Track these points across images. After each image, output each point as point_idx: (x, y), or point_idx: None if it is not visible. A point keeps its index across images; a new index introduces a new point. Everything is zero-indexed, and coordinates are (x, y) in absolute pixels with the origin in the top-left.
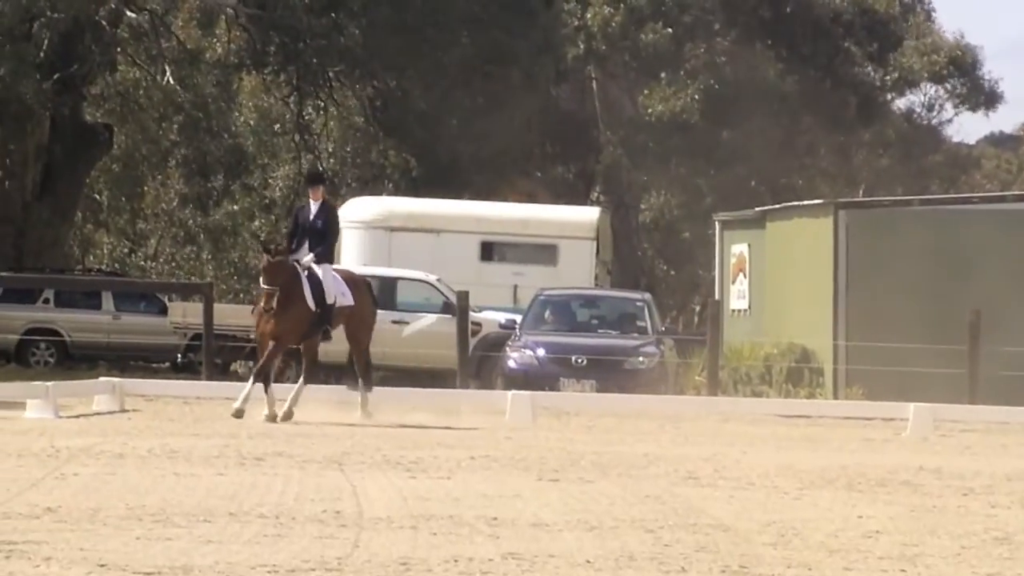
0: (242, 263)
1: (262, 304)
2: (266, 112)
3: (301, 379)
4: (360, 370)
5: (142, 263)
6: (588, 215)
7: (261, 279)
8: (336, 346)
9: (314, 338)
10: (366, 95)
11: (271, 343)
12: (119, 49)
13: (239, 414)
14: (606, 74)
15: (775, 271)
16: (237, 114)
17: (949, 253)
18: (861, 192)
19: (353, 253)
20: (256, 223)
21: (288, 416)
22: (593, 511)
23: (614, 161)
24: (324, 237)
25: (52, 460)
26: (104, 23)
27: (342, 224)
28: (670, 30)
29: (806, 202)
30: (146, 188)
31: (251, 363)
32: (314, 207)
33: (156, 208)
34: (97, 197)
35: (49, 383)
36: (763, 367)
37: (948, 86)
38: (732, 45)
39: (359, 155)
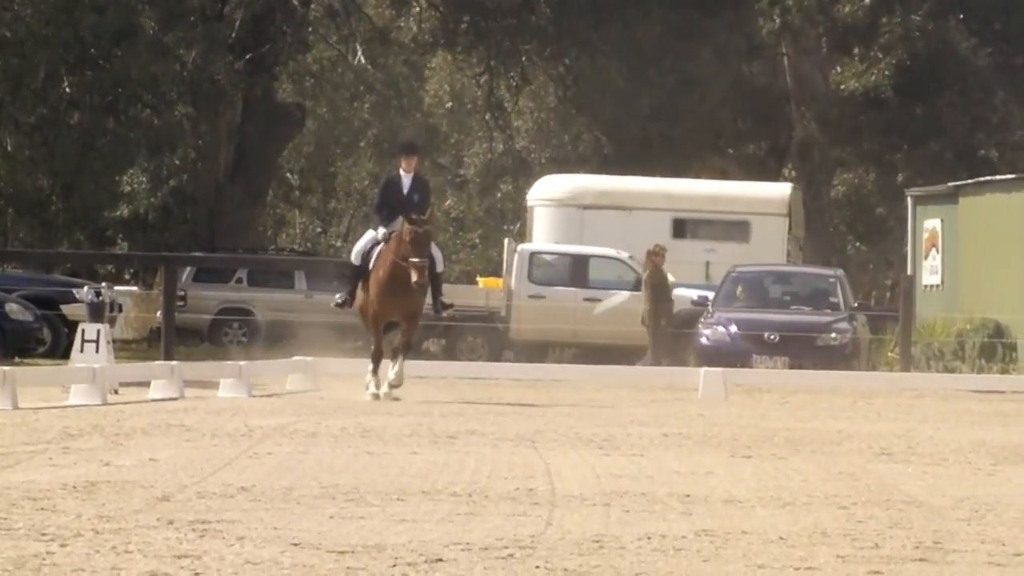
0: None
1: (415, 278)
2: (458, 91)
3: (401, 356)
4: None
5: (334, 242)
6: (780, 191)
7: (409, 252)
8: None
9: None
10: (558, 73)
11: (406, 321)
12: (310, 29)
13: (376, 397)
14: (798, 50)
15: (968, 246)
16: (429, 96)
17: None
18: None
19: (545, 230)
20: (448, 201)
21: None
22: (786, 488)
23: (806, 137)
24: (420, 212)
25: (245, 439)
26: (296, 3)
27: (535, 202)
28: (867, 2)
29: (999, 177)
30: (337, 167)
31: (443, 341)
32: (407, 179)
33: (348, 187)
34: (289, 177)
35: (243, 362)
36: (956, 343)
37: None
38: (924, 19)
39: (551, 133)
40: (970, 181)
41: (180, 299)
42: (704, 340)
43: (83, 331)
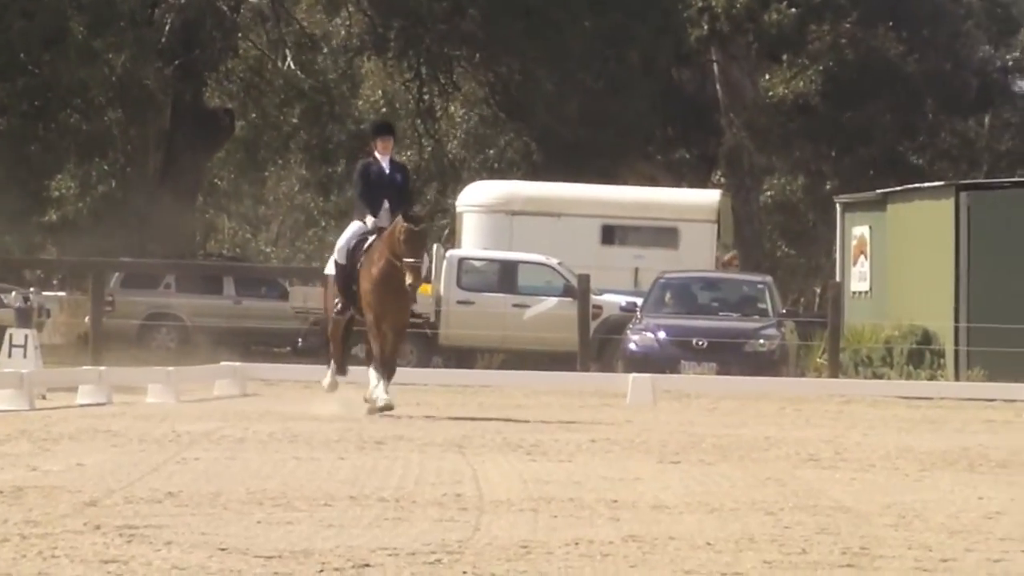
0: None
1: (409, 280)
2: (390, 97)
3: (387, 372)
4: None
5: (263, 248)
6: (709, 198)
7: (404, 252)
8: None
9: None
10: (487, 79)
11: (394, 330)
12: (240, 34)
13: (389, 407)
14: (727, 56)
15: (896, 253)
16: (360, 101)
17: None
18: (983, 174)
19: (474, 236)
20: None
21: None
22: (714, 493)
23: (735, 144)
24: (407, 197)
25: (173, 445)
26: (225, 8)
27: (464, 208)
28: (795, 10)
29: (927, 184)
30: (267, 173)
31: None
32: (385, 162)
33: (277, 193)
34: (219, 182)
35: (170, 368)
36: (884, 349)
37: None
38: (853, 27)
39: (481, 139)
40: (898, 188)
41: (108, 304)
42: (632, 346)
43: (11, 336)
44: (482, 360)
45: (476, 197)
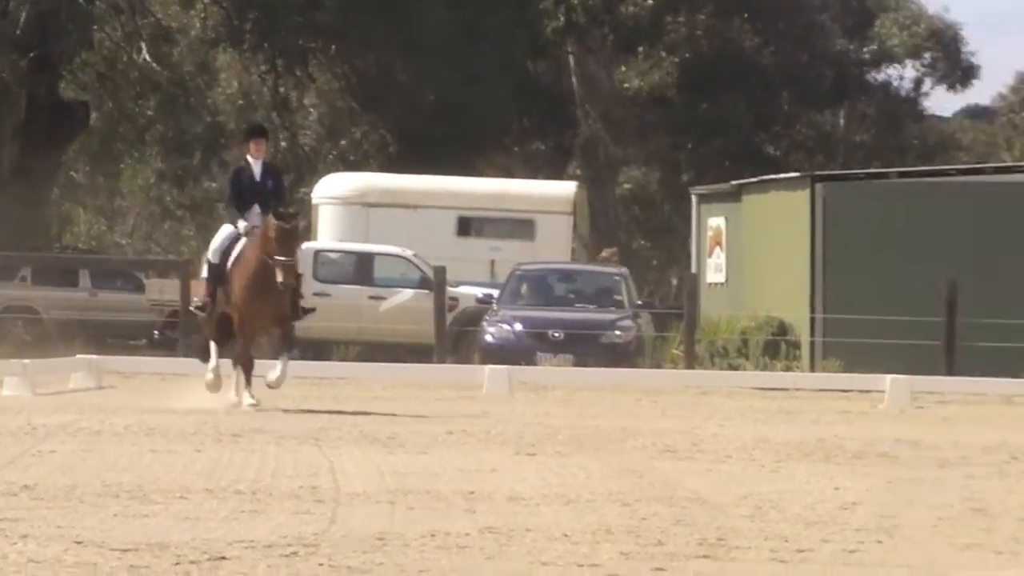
0: None
1: (280, 278)
2: (246, 90)
3: (285, 354)
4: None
5: (119, 240)
6: (565, 189)
7: (275, 250)
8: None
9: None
10: (343, 71)
11: (277, 326)
12: (96, 26)
13: (256, 406)
14: (584, 48)
15: (752, 244)
16: (219, 90)
17: (926, 225)
18: (838, 166)
19: (330, 229)
20: None
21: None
22: (570, 485)
23: (591, 135)
24: (278, 200)
25: (29, 437)
26: (81, 0)
27: (319, 200)
28: (651, 2)
29: (783, 175)
30: (123, 166)
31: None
32: (257, 167)
33: (133, 185)
34: (74, 175)
35: (26, 361)
36: (740, 340)
37: (926, 60)
38: (709, 19)
39: (337, 132)
40: (753, 179)
41: None
42: (489, 338)
43: None
44: (338, 352)
45: (332, 189)
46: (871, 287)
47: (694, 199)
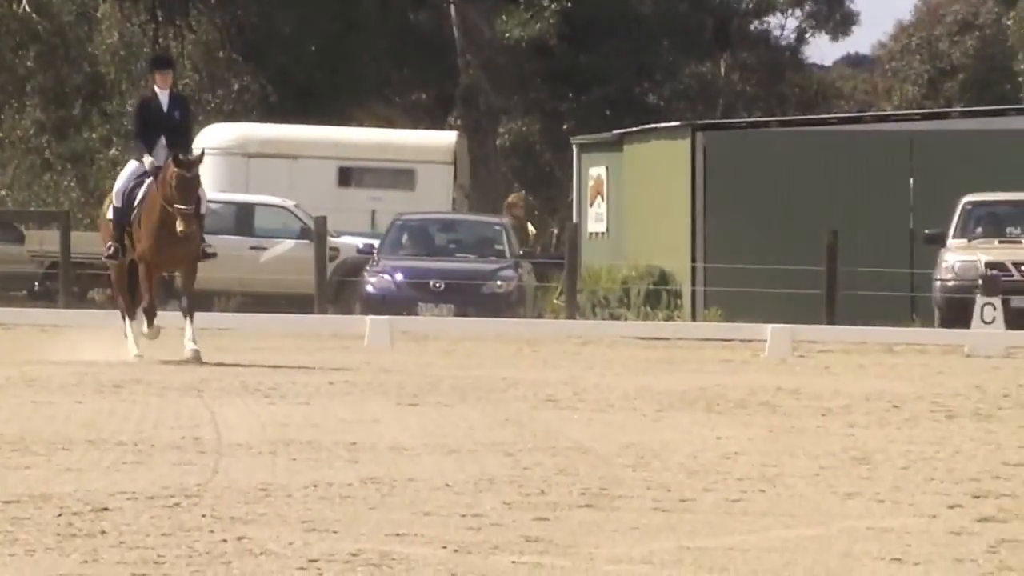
0: (98, 191)
1: (180, 227)
2: (126, 40)
3: (190, 314)
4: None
5: None
6: (445, 139)
7: (174, 198)
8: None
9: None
10: (224, 21)
11: (183, 271)
12: None
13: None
14: None
15: (633, 194)
16: (99, 40)
17: (807, 174)
18: (719, 114)
19: (210, 179)
20: (113, 151)
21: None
22: (452, 435)
23: (472, 85)
24: (184, 133)
25: None
26: None
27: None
28: None
29: (663, 124)
30: (2, 116)
31: (107, 290)
32: (164, 97)
33: (12, 136)
34: None
35: None
36: (621, 290)
37: (808, 9)
38: None
39: (217, 82)
40: (635, 129)
41: None
42: (370, 288)
43: None
44: (219, 303)
45: (212, 140)
46: (752, 236)
47: (575, 149)
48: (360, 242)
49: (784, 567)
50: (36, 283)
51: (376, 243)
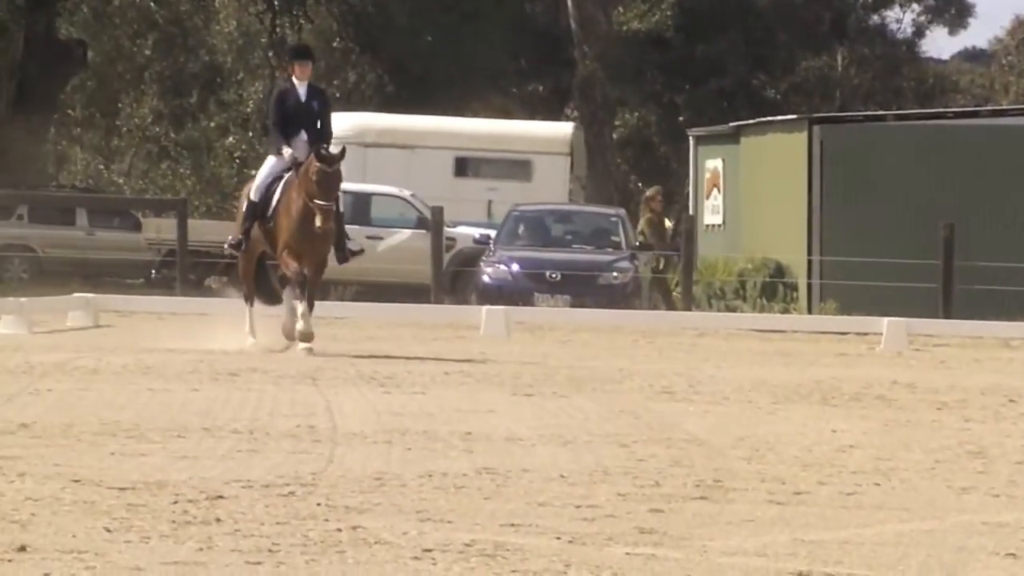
0: (215, 179)
1: (318, 223)
2: (244, 29)
3: (309, 309)
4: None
5: (116, 179)
6: (562, 130)
7: (315, 193)
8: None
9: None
10: (341, 11)
11: (313, 270)
12: None
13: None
14: None
15: (749, 186)
16: (217, 27)
17: (923, 168)
18: (836, 108)
19: None
20: (230, 139)
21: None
22: (567, 426)
23: (589, 76)
24: (324, 125)
25: (26, 376)
26: None
27: None
28: None
29: (780, 117)
30: (120, 104)
31: (224, 278)
32: (303, 89)
33: (130, 124)
34: (71, 113)
35: (22, 299)
36: (737, 282)
37: (924, 2)
38: None
39: (334, 72)
40: (751, 121)
41: None
42: (486, 278)
43: None
44: (335, 292)
45: None
46: (868, 229)
47: (692, 140)
48: (476, 232)
49: (898, 561)
50: (153, 271)
51: (492, 233)
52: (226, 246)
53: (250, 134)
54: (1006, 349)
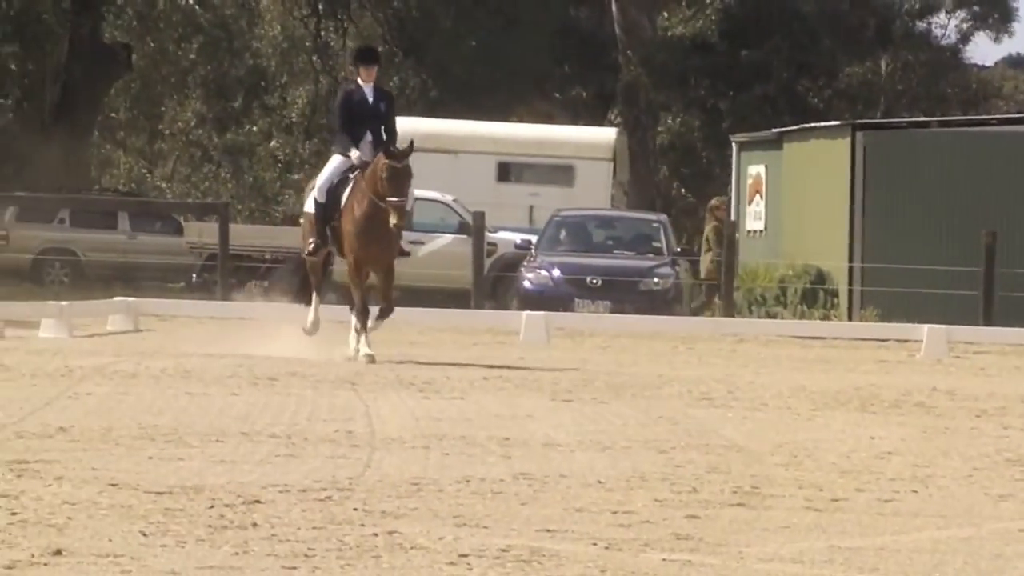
0: (258, 183)
1: (393, 220)
2: (288, 33)
3: (382, 319)
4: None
5: (159, 183)
6: (605, 136)
7: (387, 191)
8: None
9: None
10: (385, 16)
11: (383, 272)
12: None
13: (372, 359)
14: None
15: (791, 192)
16: (260, 31)
17: (966, 175)
18: (880, 114)
19: None
20: (273, 143)
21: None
22: (606, 432)
23: (632, 81)
24: (390, 126)
25: (65, 379)
26: None
27: None
28: None
29: (823, 123)
30: (164, 108)
31: (265, 283)
32: (368, 90)
33: (174, 128)
34: (115, 116)
35: (63, 302)
36: (778, 288)
37: (972, 11)
38: None
39: (377, 77)
40: (794, 128)
41: (2, 239)
42: (527, 284)
43: None
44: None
45: None
46: (910, 236)
47: (734, 146)
48: (518, 237)
49: (934, 568)
50: (194, 275)
51: (534, 239)
52: (304, 253)
53: (293, 139)
54: None
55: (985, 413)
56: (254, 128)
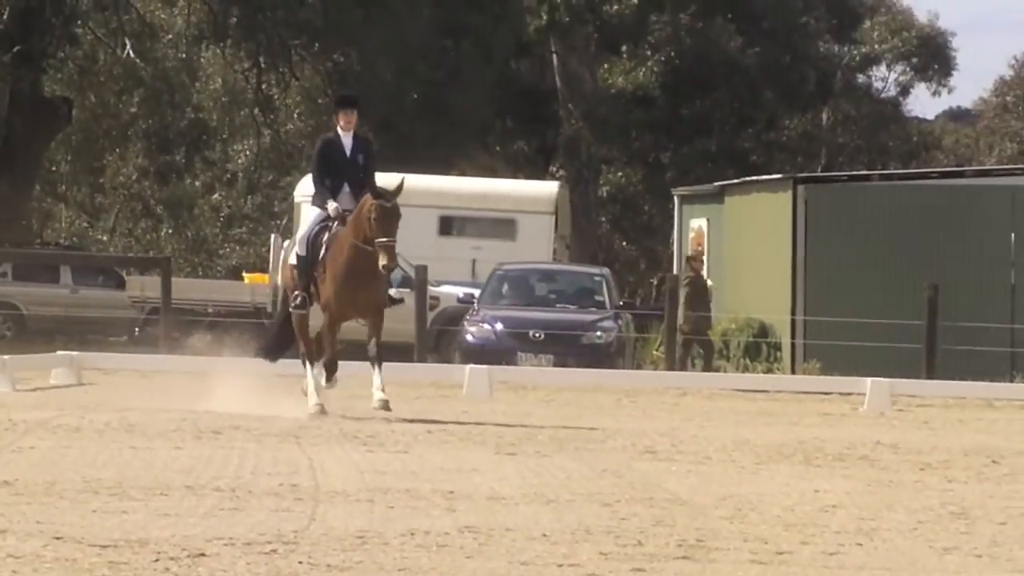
0: (200, 237)
1: (383, 262)
2: (229, 87)
3: (378, 365)
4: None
5: (100, 237)
6: (547, 189)
7: (376, 232)
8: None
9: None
10: (326, 68)
11: (372, 317)
12: (79, 22)
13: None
14: (567, 47)
15: (733, 246)
16: (202, 85)
17: (908, 228)
18: (821, 167)
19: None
20: (216, 196)
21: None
22: (550, 485)
23: (574, 135)
24: (369, 178)
25: (9, 433)
26: None
27: (301, 198)
28: (635, 0)
29: (765, 177)
30: (105, 162)
31: (208, 336)
32: (347, 139)
33: (115, 182)
34: (56, 170)
35: (6, 356)
36: (721, 342)
37: (912, 63)
38: (693, 18)
39: (319, 128)
40: (736, 181)
41: None
42: (469, 337)
43: None
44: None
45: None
46: (852, 289)
47: (676, 200)
48: (460, 291)
49: None
50: (136, 328)
51: (476, 292)
52: (291, 307)
53: (235, 193)
54: (989, 409)
55: (929, 466)
56: (196, 182)
